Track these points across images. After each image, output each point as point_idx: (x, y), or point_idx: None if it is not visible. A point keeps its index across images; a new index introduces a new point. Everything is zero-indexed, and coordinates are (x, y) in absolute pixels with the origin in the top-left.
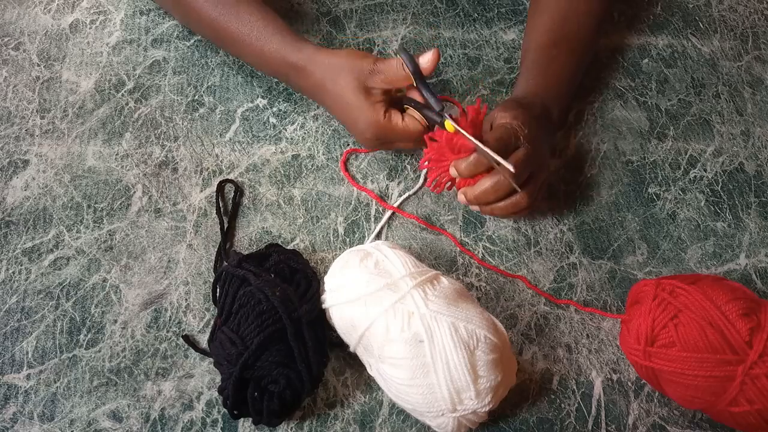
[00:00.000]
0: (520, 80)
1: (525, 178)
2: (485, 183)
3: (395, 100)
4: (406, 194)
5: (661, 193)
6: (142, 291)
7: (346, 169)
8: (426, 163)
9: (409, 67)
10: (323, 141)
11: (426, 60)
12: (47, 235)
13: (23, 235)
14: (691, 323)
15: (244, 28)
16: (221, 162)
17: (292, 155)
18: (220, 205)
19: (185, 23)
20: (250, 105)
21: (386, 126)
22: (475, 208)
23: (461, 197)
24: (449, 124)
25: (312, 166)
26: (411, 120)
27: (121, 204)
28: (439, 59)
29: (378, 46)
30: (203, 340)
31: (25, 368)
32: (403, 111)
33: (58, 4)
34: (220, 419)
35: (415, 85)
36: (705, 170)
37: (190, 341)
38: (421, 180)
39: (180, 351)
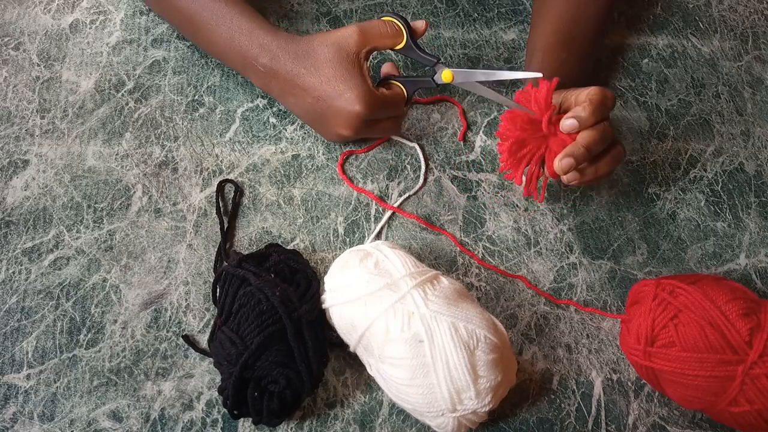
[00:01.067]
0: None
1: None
2: (590, 133)
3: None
4: (407, 194)
5: (661, 193)
6: (142, 291)
7: (345, 170)
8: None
9: (402, 24)
10: (323, 141)
11: (420, 24)
12: (47, 235)
13: (23, 235)
14: (691, 323)
15: (217, 13)
16: (221, 162)
17: (292, 155)
18: (220, 205)
19: (163, 14)
20: (250, 105)
21: (375, 94)
22: (572, 178)
23: (567, 162)
24: (446, 73)
25: (312, 166)
26: (396, 87)
27: (121, 204)
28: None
29: None
30: (203, 340)
31: (25, 368)
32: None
33: (58, 4)
34: (220, 419)
35: (403, 45)
36: (705, 170)
37: (190, 341)
38: (421, 180)
39: (180, 351)
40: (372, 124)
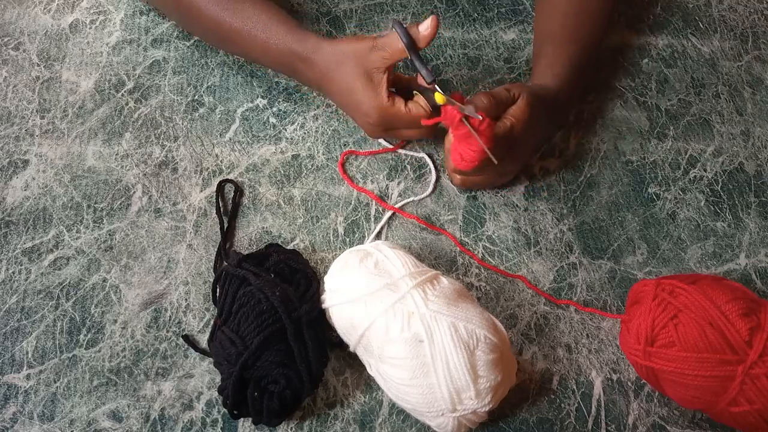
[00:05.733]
0: (538, 75)
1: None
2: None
3: (403, 89)
4: (411, 198)
5: (661, 193)
6: (142, 291)
7: (345, 170)
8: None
9: (403, 39)
10: (323, 141)
11: (425, 28)
12: (47, 235)
13: (23, 235)
14: (691, 323)
15: (249, 22)
16: (221, 162)
17: (292, 155)
18: (220, 205)
19: (184, 24)
20: (250, 105)
21: (389, 110)
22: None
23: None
24: (439, 95)
25: (312, 166)
26: (415, 105)
27: (121, 204)
28: (437, 27)
29: None
30: (203, 340)
31: (25, 368)
32: (409, 98)
33: (58, 4)
34: (220, 419)
35: (409, 57)
36: (705, 170)
37: (190, 341)
38: (431, 188)
39: (180, 351)
40: (393, 130)
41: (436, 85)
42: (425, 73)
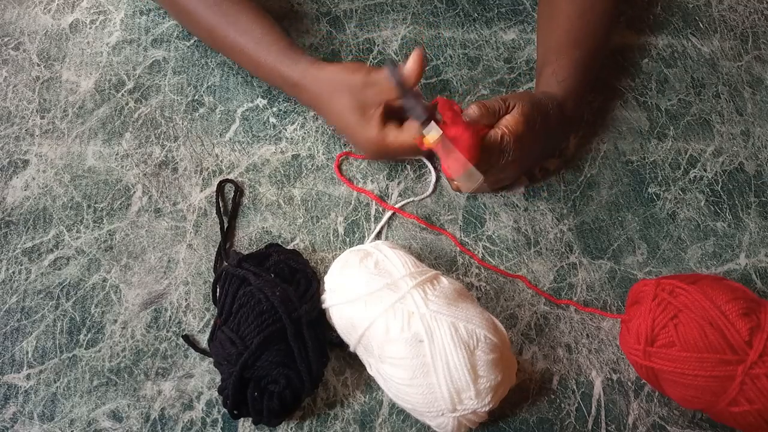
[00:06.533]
0: (543, 83)
1: (496, 160)
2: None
3: (397, 110)
4: (411, 198)
5: (661, 193)
6: (142, 291)
7: (344, 171)
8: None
9: (392, 79)
10: (323, 141)
11: (409, 69)
12: (47, 235)
13: (23, 235)
14: (691, 323)
15: (242, 37)
16: (221, 162)
17: (292, 155)
18: (220, 205)
19: (184, 26)
20: (250, 105)
21: (381, 143)
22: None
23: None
24: (432, 136)
25: (312, 166)
26: (407, 133)
27: (121, 204)
28: (422, 63)
29: (378, 46)
30: (203, 340)
31: (25, 368)
32: (404, 120)
33: (58, 4)
34: (220, 419)
35: (403, 95)
36: (705, 170)
37: (190, 341)
38: (431, 188)
39: (180, 351)
40: (389, 156)
41: (430, 123)
42: (417, 115)
